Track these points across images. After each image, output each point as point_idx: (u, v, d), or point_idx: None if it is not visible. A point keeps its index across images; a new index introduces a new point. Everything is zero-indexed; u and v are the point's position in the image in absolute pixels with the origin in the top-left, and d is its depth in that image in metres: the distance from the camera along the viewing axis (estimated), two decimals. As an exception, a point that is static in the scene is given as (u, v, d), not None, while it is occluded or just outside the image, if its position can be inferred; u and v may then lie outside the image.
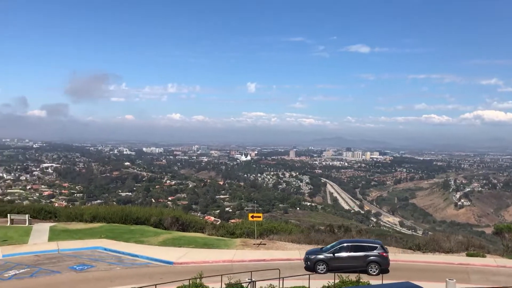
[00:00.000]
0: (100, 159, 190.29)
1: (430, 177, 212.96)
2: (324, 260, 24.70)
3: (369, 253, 24.64)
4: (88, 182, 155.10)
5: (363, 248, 24.90)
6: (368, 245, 25.19)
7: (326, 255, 24.86)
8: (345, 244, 25.39)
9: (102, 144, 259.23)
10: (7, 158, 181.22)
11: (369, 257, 24.50)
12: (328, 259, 24.67)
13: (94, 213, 40.66)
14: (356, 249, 24.91)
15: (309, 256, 25.31)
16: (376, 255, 24.59)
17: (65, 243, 31.79)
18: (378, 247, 24.99)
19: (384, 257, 24.69)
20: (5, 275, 24.80)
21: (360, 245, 25.35)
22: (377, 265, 24.41)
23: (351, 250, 24.86)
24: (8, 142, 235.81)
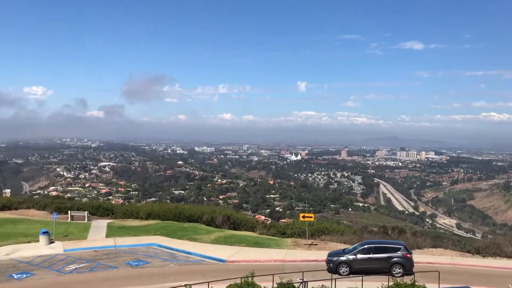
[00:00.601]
0: (154, 158, 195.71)
1: (489, 177, 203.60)
2: (347, 262, 24.31)
3: (392, 254, 24.14)
4: (143, 180, 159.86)
5: (386, 250, 24.44)
6: (391, 246, 24.72)
7: (349, 257, 24.48)
8: (368, 245, 24.95)
9: (156, 144, 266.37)
10: (67, 157, 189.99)
11: (392, 258, 24.01)
12: (350, 261, 24.27)
13: (149, 210, 41.79)
14: (379, 250, 24.44)
15: (331, 258, 24.93)
16: (399, 256, 24.09)
17: (121, 240, 32.86)
18: (401, 248, 24.46)
19: (408, 259, 24.15)
20: (66, 269, 25.98)
21: (383, 246, 24.88)
22: (401, 266, 23.88)
23: (374, 251, 24.39)
24: (68, 141, 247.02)
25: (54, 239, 32.11)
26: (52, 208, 41.78)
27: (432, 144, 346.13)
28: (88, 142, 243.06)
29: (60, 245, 31.04)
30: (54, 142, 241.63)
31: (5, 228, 35.82)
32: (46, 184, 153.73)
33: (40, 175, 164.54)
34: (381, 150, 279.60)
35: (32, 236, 32.66)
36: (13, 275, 24.62)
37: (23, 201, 47.83)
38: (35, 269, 25.91)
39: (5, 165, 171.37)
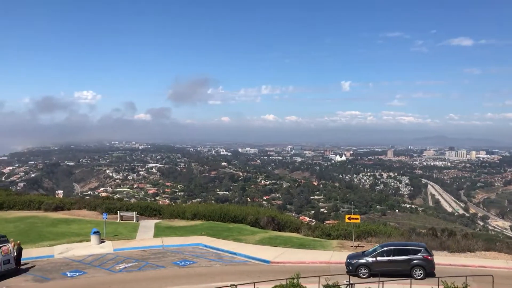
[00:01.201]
0: (199, 160, 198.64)
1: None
2: (366, 264, 24.00)
3: (412, 256, 23.68)
4: (188, 181, 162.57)
5: (407, 252, 24.02)
6: (412, 248, 24.26)
7: (368, 259, 24.16)
8: (388, 247, 24.62)
9: (200, 145, 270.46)
10: (116, 159, 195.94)
11: (413, 260, 23.54)
12: (370, 264, 23.95)
13: (195, 211, 42.42)
14: (399, 252, 24.05)
15: (350, 261, 24.58)
16: (420, 258, 23.58)
17: (168, 239, 33.52)
18: (422, 250, 23.95)
19: (429, 261, 23.62)
20: (116, 268, 26.77)
21: (403, 248, 24.47)
22: (421, 269, 23.35)
23: (394, 254, 24.04)
24: (117, 144, 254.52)
25: (105, 239, 33.16)
26: (102, 209, 43.17)
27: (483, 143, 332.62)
28: (135, 144, 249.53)
29: (110, 244, 32.03)
30: (103, 145, 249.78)
31: (58, 228, 37.35)
32: (96, 185, 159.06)
33: (90, 177, 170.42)
34: (428, 150, 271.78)
35: (83, 236, 33.88)
36: (66, 273, 25.63)
37: (75, 202, 49.66)
38: (87, 267, 26.85)
39: (58, 167, 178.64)
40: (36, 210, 46.05)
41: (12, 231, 34.59)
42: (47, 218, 41.38)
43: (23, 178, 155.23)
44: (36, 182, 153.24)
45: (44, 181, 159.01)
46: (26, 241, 31.32)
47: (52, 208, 45.76)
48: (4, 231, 31.85)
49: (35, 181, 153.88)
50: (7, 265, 25.14)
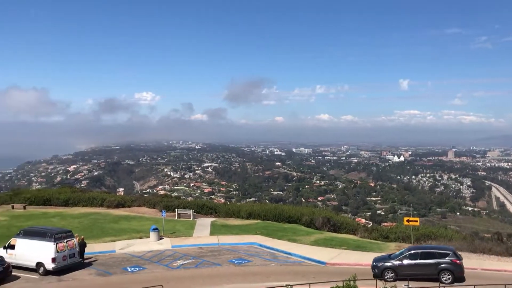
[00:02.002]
0: (253, 159, 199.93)
1: None
2: (392, 267, 23.60)
3: (440, 260, 23.10)
4: (242, 180, 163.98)
5: (434, 255, 23.45)
6: (439, 252, 23.65)
7: (394, 262, 23.75)
8: (415, 250, 24.15)
9: (255, 145, 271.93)
10: (173, 158, 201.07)
11: (440, 264, 22.97)
12: (396, 267, 23.54)
13: (250, 210, 42.69)
14: (426, 256, 23.52)
15: (376, 264, 24.21)
16: (448, 262, 22.98)
17: (224, 238, 33.94)
18: (450, 254, 23.37)
19: (458, 265, 22.90)
20: (174, 264, 27.44)
21: (430, 251, 23.93)
22: (449, 273, 22.65)
23: (421, 257, 23.53)
24: (175, 143, 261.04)
25: (163, 236, 34.08)
26: (161, 206, 44.39)
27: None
28: (192, 144, 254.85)
29: (168, 241, 32.87)
30: (162, 144, 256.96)
31: (120, 224, 38.78)
32: (155, 183, 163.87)
33: (149, 175, 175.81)
34: (493, 151, 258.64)
35: (143, 232, 34.98)
36: (127, 268, 26.56)
37: (135, 199, 51.35)
38: (146, 263, 27.70)
39: (119, 166, 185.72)
40: (99, 206, 48.05)
41: (77, 227, 36.31)
42: (109, 215, 43.09)
43: (87, 176, 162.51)
44: (98, 180, 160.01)
45: (106, 179, 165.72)
46: (89, 236, 32.74)
47: (114, 205, 47.58)
48: (70, 227, 33.55)
49: (98, 179, 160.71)
50: (73, 258, 26.39)
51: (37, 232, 26.55)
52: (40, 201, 49.34)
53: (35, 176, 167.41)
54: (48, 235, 25.77)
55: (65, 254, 25.79)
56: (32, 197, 49.80)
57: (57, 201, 49.19)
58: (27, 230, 27.41)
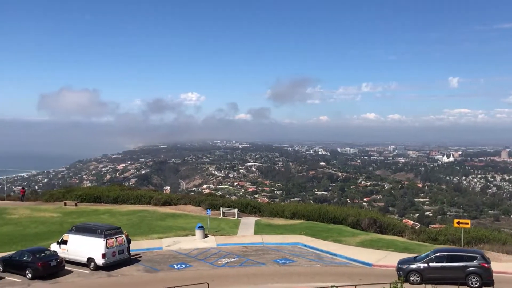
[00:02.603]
0: (297, 159, 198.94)
1: None
2: (418, 270, 23.08)
3: (468, 263, 22.47)
4: (286, 180, 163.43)
5: (461, 258, 22.85)
6: (467, 255, 23.01)
7: (420, 265, 23.23)
8: (441, 253, 23.58)
9: (298, 145, 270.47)
10: (218, 157, 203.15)
11: (468, 268, 22.35)
12: (422, 270, 23.01)
13: (294, 210, 42.49)
14: (454, 259, 22.95)
15: (401, 266, 23.74)
16: (476, 266, 22.26)
17: (268, 237, 33.94)
18: (478, 257, 22.57)
19: (486, 269, 22.20)
20: (219, 262, 27.70)
21: (458, 254, 23.33)
22: (477, 277, 22.03)
23: (448, 260, 22.95)
24: (219, 143, 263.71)
25: (208, 234, 34.49)
26: (206, 205, 44.99)
27: None
28: (236, 143, 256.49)
29: (213, 239, 33.24)
30: (206, 144, 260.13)
31: (166, 222, 39.57)
32: (200, 182, 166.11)
33: (194, 174, 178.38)
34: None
35: (189, 230, 35.53)
36: (173, 265, 27.06)
37: (181, 198, 52.28)
38: (192, 260, 28.12)
39: (165, 165, 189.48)
40: (146, 204, 49.28)
41: (126, 224, 37.35)
42: (156, 212, 44.06)
43: (135, 175, 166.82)
44: (146, 178, 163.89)
45: (153, 178, 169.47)
46: (137, 233, 33.62)
47: (161, 203, 48.66)
48: (119, 223, 34.57)
49: (145, 177, 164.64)
50: (121, 255, 27.15)
51: (88, 229, 27.51)
52: (90, 199, 51.18)
53: (86, 174, 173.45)
54: (99, 232, 26.64)
55: (115, 250, 26.57)
56: (83, 195, 51.73)
57: (107, 198, 50.87)
58: (79, 226, 28.45)
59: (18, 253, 25.96)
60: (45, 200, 53.26)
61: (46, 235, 34.41)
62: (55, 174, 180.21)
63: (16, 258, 25.61)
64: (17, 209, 46.06)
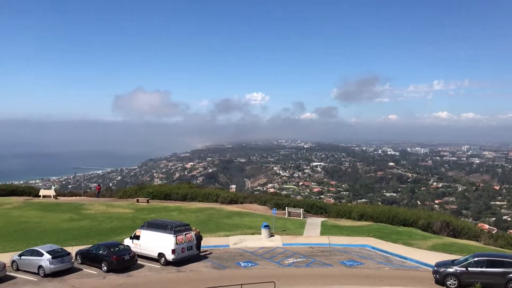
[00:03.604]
0: (364, 159, 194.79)
1: None
2: (455, 274, 22.54)
3: (509, 269, 21.71)
4: (353, 181, 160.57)
5: (502, 264, 22.08)
6: (508, 261, 22.23)
7: (458, 268, 22.69)
8: (481, 258, 22.81)
9: (366, 145, 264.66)
10: (283, 157, 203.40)
11: (509, 274, 21.58)
12: (459, 274, 22.48)
13: (362, 211, 41.53)
14: (493, 264, 22.19)
15: (438, 269, 23.29)
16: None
17: (335, 238, 33.43)
18: None
19: None
20: (285, 262, 27.67)
21: (498, 260, 22.52)
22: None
23: (487, 265, 22.23)
24: (284, 142, 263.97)
25: (274, 233, 34.54)
26: (272, 204, 45.14)
27: None
28: (301, 143, 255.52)
29: (279, 238, 33.25)
30: (271, 143, 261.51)
31: (233, 220, 40.13)
32: (265, 181, 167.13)
33: (259, 173, 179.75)
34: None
35: (255, 229, 35.79)
36: (240, 263, 27.37)
37: (247, 196, 52.85)
38: (258, 259, 28.29)
39: (231, 164, 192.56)
40: (213, 202, 50.28)
41: (194, 221, 38.31)
42: (222, 210, 44.82)
43: (202, 173, 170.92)
44: (212, 176, 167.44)
45: (219, 176, 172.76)
46: (205, 230, 34.36)
47: (227, 201, 49.47)
48: (187, 220, 35.52)
49: (212, 176, 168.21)
50: (190, 251, 27.87)
51: (159, 225, 28.51)
52: (161, 196, 53.05)
53: (156, 172, 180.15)
54: (169, 228, 27.52)
55: (184, 246, 27.32)
56: (154, 192, 53.73)
57: (176, 196, 52.50)
58: (150, 222, 29.55)
59: (94, 247, 27.41)
60: (119, 196, 55.87)
61: (119, 230, 36.08)
62: (127, 172, 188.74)
63: (93, 251, 27.05)
64: (93, 205, 48.72)
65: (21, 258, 26.28)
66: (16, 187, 61.81)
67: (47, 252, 25.50)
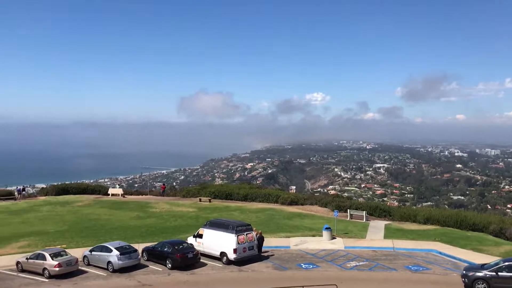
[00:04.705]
0: (430, 161, 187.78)
1: None
2: (484, 278, 21.82)
3: None
4: (418, 183, 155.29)
5: None
6: None
7: (487, 273, 21.97)
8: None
9: (432, 145, 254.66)
10: (344, 158, 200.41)
11: None
12: (489, 278, 21.73)
13: (427, 215, 39.98)
14: None
15: (467, 273, 22.65)
16: None
17: (399, 242, 32.43)
18: None
19: None
20: (347, 265, 27.20)
21: None
22: None
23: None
24: (345, 143, 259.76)
25: (335, 235, 34.07)
26: (333, 206, 44.55)
27: None
28: (363, 144, 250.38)
29: (341, 241, 32.75)
30: (332, 144, 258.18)
31: (293, 221, 40.02)
32: (325, 183, 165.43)
33: (320, 175, 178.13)
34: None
35: (316, 230, 35.48)
36: (301, 265, 27.24)
37: (307, 198, 52.53)
38: (320, 261, 28.01)
39: (291, 165, 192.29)
40: (273, 203, 50.40)
41: (255, 221, 38.58)
42: (283, 211, 44.82)
43: (262, 173, 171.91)
44: (272, 177, 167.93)
45: (279, 177, 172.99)
46: (265, 231, 34.46)
47: (287, 202, 49.41)
48: (248, 220, 35.84)
49: (272, 177, 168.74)
50: (251, 251, 28.09)
51: (221, 224, 28.96)
52: (222, 195, 53.95)
53: (217, 172, 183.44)
54: (231, 227, 27.89)
55: (245, 246, 27.57)
56: (216, 192, 54.74)
57: (237, 196, 53.18)
58: (213, 221, 30.09)
59: (159, 244, 28.29)
60: (182, 195, 57.40)
61: (183, 228, 37.02)
62: (190, 172, 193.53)
63: (158, 248, 27.94)
64: (158, 203, 50.39)
65: (92, 254, 27.61)
66: (86, 185, 65.21)
67: (116, 249, 26.63)
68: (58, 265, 25.19)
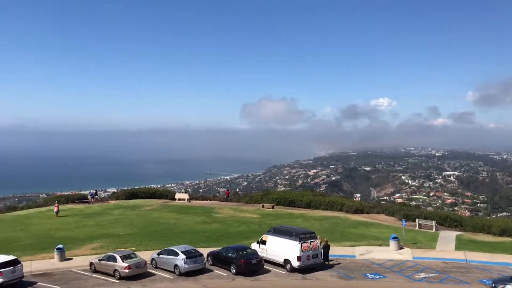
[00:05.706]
0: (505, 168, 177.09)
1: None
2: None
3: None
4: (492, 192, 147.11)
5: None
6: None
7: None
8: None
9: (507, 152, 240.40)
10: (411, 165, 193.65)
11: None
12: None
13: (503, 226, 37.59)
14: None
15: (495, 285, 22.43)
16: None
17: (472, 254, 30.76)
18: None
19: None
20: (416, 276, 26.17)
21: None
22: None
23: None
24: (412, 150, 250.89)
25: (403, 245, 32.87)
26: (400, 215, 43.06)
27: None
28: (432, 150, 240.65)
29: (409, 251, 31.57)
30: (398, 151, 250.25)
31: (358, 230, 39.11)
32: (392, 191, 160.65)
33: (386, 182, 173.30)
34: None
35: (382, 240, 34.44)
36: (367, 275, 26.52)
37: (373, 206, 51.17)
38: (386, 272, 27.14)
39: (355, 172, 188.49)
40: (337, 211, 49.55)
41: (318, 229, 38.06)
42: (348, 220, 43.96)
43: (325, 181, 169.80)
44: (336, 185, 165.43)
45: (343, 184, 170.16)
46: (330, 239, 33.84)
47: (352, 210, 48.39)
48: (312, 228, 35.42)
49: (335, 184, 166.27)
50: (315, 259, 27.74)
51: (284, 231, 28.86)
52: (285, 202, 53.79)
53: (280, 178, 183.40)
54: (294, 235, 27.72)
55: (309, 254, 27.28)
56: (278, 198, 54.69)
57: (300, 203, 52.80)
58: (276, 228, 30.06)
59: (224, 249, 28.66)
60: (245, 201, 57.88)
61: (247, 234, 37.28)
62: (253, 178, 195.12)
63: (223, 253, 28.30)
64: (222, 208, 51.17)
65: (160, 257, 28.45)
66: (155, 190, 67.66)
67: (182, 252, 27.27)
68: (128, 267, 26.20)
